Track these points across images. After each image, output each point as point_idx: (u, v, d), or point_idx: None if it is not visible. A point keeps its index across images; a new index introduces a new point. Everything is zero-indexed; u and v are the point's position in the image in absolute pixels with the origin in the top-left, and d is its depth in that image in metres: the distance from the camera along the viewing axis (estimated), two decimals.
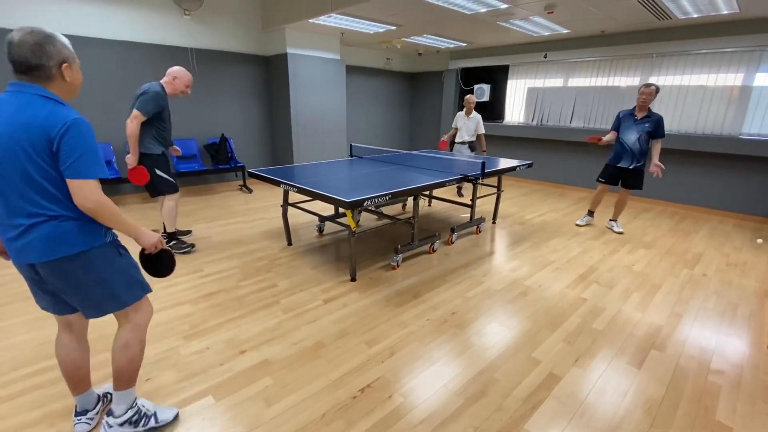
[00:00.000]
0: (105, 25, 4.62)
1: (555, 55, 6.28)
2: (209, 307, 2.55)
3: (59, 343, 1.53)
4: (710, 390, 1.89)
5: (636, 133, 4.01)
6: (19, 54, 1.22)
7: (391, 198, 2.80)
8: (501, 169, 4.09)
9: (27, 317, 2.37)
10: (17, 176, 1.22)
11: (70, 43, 1.34)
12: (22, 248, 1.28)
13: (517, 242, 3.92)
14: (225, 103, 5.89)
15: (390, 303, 2.65)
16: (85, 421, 1.57)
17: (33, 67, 1.24)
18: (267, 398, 1.77)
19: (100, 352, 2.02)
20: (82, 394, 1.58)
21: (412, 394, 1.82)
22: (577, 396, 1.82)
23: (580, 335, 2.32)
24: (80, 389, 1.57)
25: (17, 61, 1.23)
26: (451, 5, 4.26)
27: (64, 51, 1.29)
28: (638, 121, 4.00)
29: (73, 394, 1.58)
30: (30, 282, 1.40)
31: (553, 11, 4.38)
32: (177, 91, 3.22)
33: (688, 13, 4.37)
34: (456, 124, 5.50)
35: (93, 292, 1.38)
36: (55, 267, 1.30)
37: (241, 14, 5.74)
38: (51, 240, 1.27)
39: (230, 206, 5.02)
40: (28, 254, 1.28)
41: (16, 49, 1.22)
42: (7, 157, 1.21)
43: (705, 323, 2.49)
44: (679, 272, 3.27)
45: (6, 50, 1.23)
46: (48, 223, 1.27)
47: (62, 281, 1.34)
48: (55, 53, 1.27)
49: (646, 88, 3.84)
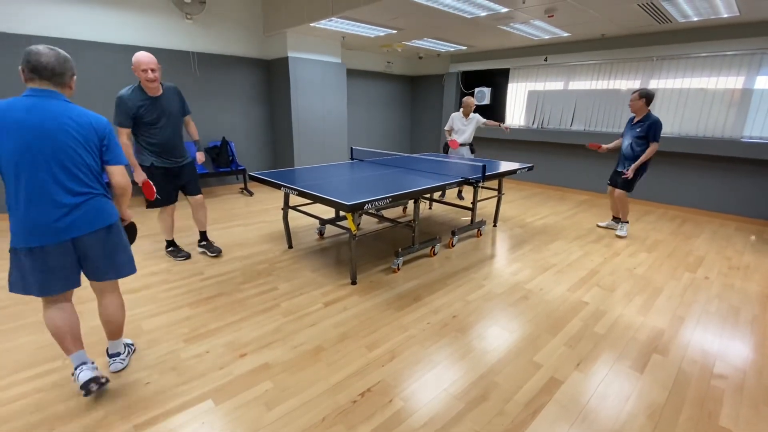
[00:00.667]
0: (107, 28, 4.65)
1: (555, 59, 6.29)
2: (209, 310, 2.54)
3: (60, 314, 1.72)
4: (713, 395, 1.88)
5: (629, 138, 4.09)
6: (48, 63, 1.55)
7: (391, 201, 2.80)
8: (502, 172, 4.09)
9: (28, 320, 2.37)
10: (69, 163, 1.57)
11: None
12: (71, 223, 1.59)
13: (518, 245, 3.91)
14: (226, 107, 5.91)
15: (390, 306, 2.64)
16: (87, 368, 1.73)
17: (57, 74, 1.58)
18: (267, 402, 1.76)
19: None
20: (80, 350, 1.76)
21: (412, 398, 1.81)
22: (578, 400, 1.81)
23: (581, 339, 2.31)
24: (78, 347, 1.76)
25: (47, 68, 1.55)
26: (452, 9, 4.27)
27: (74, 67, 1.68)
28: (633, 126, 4.07)
29: (71, 352, 1.74)
30: (48, 268, 1.60)
31: (553, 15, 4.39)
32: (144, 82, 2.67)
33: (689, 17, 4.38)
34: (452, 125, 5.43)
35: (121, 255, 1.79)
36: (101, 234, 1.68)
37: (243, 18, 5.77)
38: (100, 211, 1.67)
39: (231, 209, 5.02)
40: (80, 226, 1.61)
41: (45, 59, 1.55)
42: (60, 149, 1.55)
43: (707, 327, 2.48)
44: (680, 276, 3.25)
45: (30, 59, 1.55)
46: (95, 198, 1.66)
47: (102, 247, 1.70)
48: (71, 67, 1.65)
49: (633, 94, 3.98)
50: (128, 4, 4.73)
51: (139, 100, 2.73)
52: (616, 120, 5.87)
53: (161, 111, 2.83)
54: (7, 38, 4.06)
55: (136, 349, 2.12)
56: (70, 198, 1.58)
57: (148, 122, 2.79)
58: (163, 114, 2.85)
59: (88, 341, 2.10)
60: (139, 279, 2.96)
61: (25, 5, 4.12)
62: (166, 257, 3.36)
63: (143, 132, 2.83)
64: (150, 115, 2.78)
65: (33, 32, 4.20)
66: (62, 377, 1.89)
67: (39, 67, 1.53)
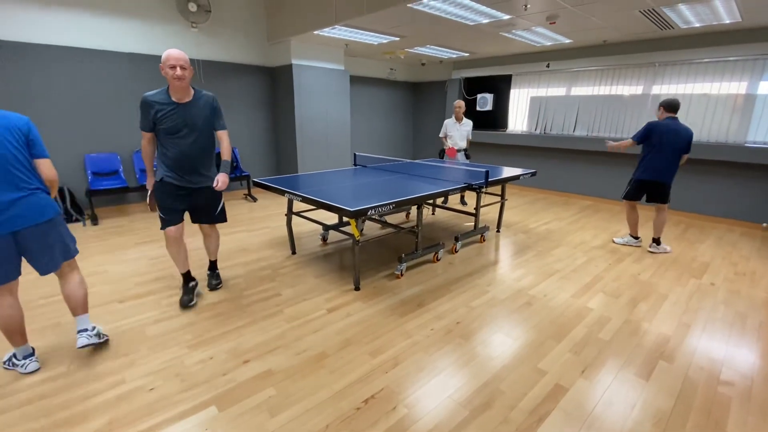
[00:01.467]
0: (113, 37, 4.72)
1: (557, 65, 6.31)
2: (213, 316, 2.55)
3: (3, 306, 1.88)
4: (720, 402, 1.85)
5: None
6: None
7: (394, 207, 2.80)
8: (505, 177, 4.09)
9: (32, 327, 2.38)
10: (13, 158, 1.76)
11: None
12: (12, 218, 1.75)
13: (522, 251, 3.90)
14: (231, 114, 5.96)
15: (394, 312, 2.64)
16: (20, 363, 1.95)
17: None
18: (270, 409, 1.75)
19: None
20: (23, 345, 1.97)
21: (416, 405, 1.80)
22: (584, 408, 1.80)
23: (586, 346, 2.30)
24: (21, 341, 1.97)
25: None
26: (454, 17, 4.31)
27: None
28: None
29: (16, 345, 1.96)
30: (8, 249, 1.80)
31: (555, 22, 4.42)
32: (170, 81, 2.31)
33: (691, 23, 4.39)
34: (446, 131, 5.44)
35: (60, 246, 1.95)
36: (42, 228, 1.85)
37: (248, 27, 5.84)
38: (41, 206, 1.84)
39: (235, 215, 5.05)
40: (21, 220, 1.78)
41: None
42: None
43: (714, 334, 2.46)
44: (686, 282, 3.23)
45: None
46: (34, 194, 1.82)
47: (43, 240, 1.87)
48: None
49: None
50: (134, 13, 4.80)
51: (161, 103, 2.34)
52: (619, 125, 5.87)
53: (183, 120, 2.38)
54: (11, 46, 4.13)
55: (108, 339, 2.25)
56: (11, 193, 1.76)
57: (167, 130, 2.37)
58: (185, 124, 2.39)
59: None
60: (142, 285, 2.97)
61: (30, 13, 4.18)
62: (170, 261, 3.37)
63: (162, 140, 2.42)
64: (169, 122, 2.35)
65: (38, 41, 4.26)
66: (66, 383, 1.89)
67: None
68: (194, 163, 2.50)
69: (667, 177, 3.84)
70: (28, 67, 4.23)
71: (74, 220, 4.54)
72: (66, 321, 2.44)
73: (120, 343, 2.23)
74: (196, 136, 2.46)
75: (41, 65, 4.30)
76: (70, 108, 4.55)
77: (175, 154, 2.42)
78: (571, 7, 3.89)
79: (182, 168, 2.47)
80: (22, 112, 2.11)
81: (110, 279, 3.07)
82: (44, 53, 4.30)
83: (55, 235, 1.92)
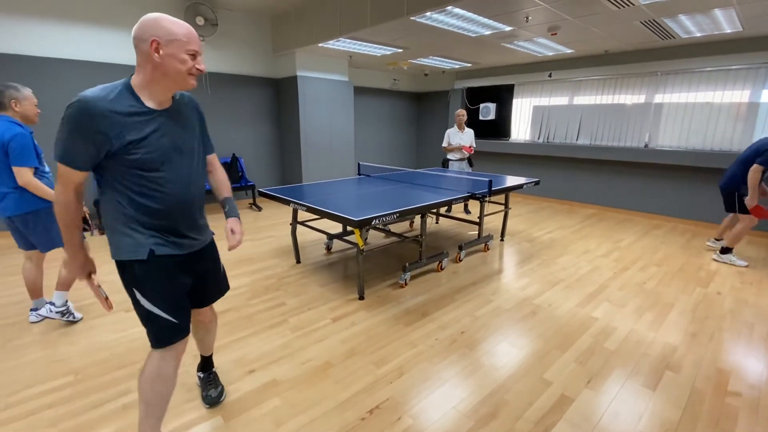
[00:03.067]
0: (121, 51, 4.82)
1: (560, 74, 6.36)
2: (219, 325, 2.55)
3: (24, 268, 2.55)
4: (728, 413, 1.83)
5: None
6: None
7: (398, 216, 2.82)
8: (508, 186, 4.11)
9: (40, 336, 2.41)
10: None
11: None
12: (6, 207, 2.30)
13: (526, 260, 3.89)
14: (236, 124, 6.04)
15: (398, 322, 2.64)
16: (35, 314, 2.57)
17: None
18: (275, 419, 1.76)
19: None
20: (37, 299, 2.59)
21: (421, 415, 1.79)
22: (590, 419, 1.78)
23: (592, 355, 2.28)
24: (36, 296, 2.59)
25: None
26: (457, 29, 4.37)
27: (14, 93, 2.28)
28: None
29: (31, 299, 2.58)
30: (11, 230, 2.42)
31: (556, 33, 4.47)
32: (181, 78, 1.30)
33: (691, 33, 4.42)
34: (450, 141, 5.48)
35: (47, 233, 2.37)
36: (25, 218, 2.33)
37: (253, 39, 5.95)
38: (18, 202, 2.29)
39: None
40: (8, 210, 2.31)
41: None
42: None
43: (721, 343, 2.43)
44: (692, 290, 3.21)
45: None
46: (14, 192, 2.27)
47: (26, 228, 2.36)
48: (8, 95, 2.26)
49: None
50: None
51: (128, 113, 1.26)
52: (622, 134, 5.89)
53: (171, 139, 1.35)
54: (16, 60, 4.23)
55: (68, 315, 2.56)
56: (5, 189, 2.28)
57: (144, 163, 1.28)
58: (173, 146, 1.36)
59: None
60: None
61: (36, 27, 4.29)
62: None
63: (129, 183, 1.30)
64: (150, 147, 1.29)
65: (42, 54, 4.34)
66: (74, 392, 1.91)
67: None
68: (193, 210, 1.47)
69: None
70: (40, 80, 4.33)
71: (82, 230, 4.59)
72: (74, 330, 2.47)
73: (126, 353, 2.25)
74: (191, 163, 1.43)
75: (52, 79, 4.40)
76: None
77: (163, 203, 1.34)
78: (572, 18, 3.94)
79: (179, 221, 1.42)
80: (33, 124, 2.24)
81: (117, 288, 3.08)
82: (55, 67, 4.40)
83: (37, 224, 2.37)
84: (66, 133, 1.25)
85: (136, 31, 1.26)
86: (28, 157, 2.21)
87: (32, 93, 2.37)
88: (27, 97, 2.32)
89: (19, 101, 2.28)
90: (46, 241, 2.40)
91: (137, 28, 1.26)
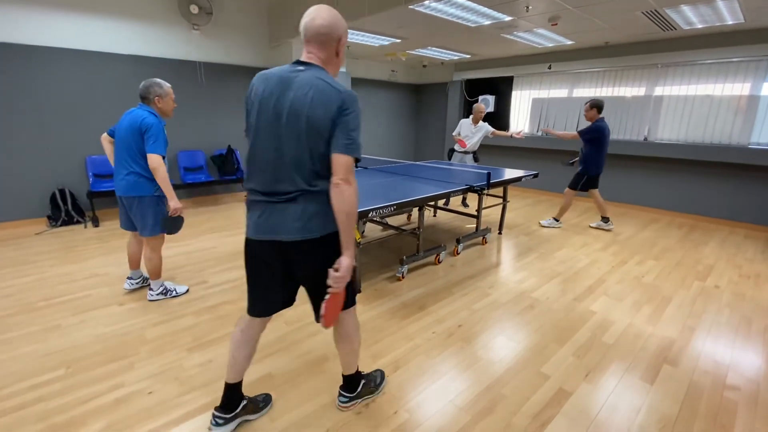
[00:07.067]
0: (115, 39, 4.72)
1: (559, 66, 6.30)
2: (213, 318, 2.53)
3: (129, 242, 2.83)
4: (726, 407, 1.83)
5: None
6: (141, 90, 2.49)
7: (396, 209, 2.79)
8: (506, 179, 4.07)
9: (32, 329, 2.37)
10: (129, 146, 2.45)
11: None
12: (120, 186, 2.52)
13: (524, 253, 3.87)
14: (232, 115, 5.96)
15: (395, 315, 2.61)
16: (129, 282, 2.88)
17: (143, 97, 2.50)
18: (270, 413, 1.73)
19: None
20: (134, 269, 2.89)
21: (417, 410, 1.77)
22: (588, 413, 1.77)
23: (589, 349, 2.27)
24: (134, 266, 2.88)
25: (140, 95, 2.50)
26: (456, 18, 4.30)
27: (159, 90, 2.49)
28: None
29: (130, 268, 2.89)
30: (120, 208, 2.65)
31: (556, 23, 4.40)
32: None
33: (693, 24, 4.37)
34: (460, 131, 5.40)
35: (144, 220, 2.55)
36: (131, 200, 2.52)
37: (249, 29, 5.84)
38: (131, 185, 2.49)
39: (236, 217, 5.04)
40: (120, 190, 2.52)
41: (141, 88, 2.49)
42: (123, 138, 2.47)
43: (719, 337, 2.43)
44: (690, 284, 3.20)
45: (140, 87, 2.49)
46: (131, 175, 2.48)
47: (130, 210, 2.57)
48: (152, 91, 2.49)
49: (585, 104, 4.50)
50: (136, 15, 4.81)
51: None
52: (621, 126, 5.85)
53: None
54: (15, 49, 4.14)
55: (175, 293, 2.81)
56: (124, 170, 2.49)
57: None
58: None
59: None
60: (143, 287, 2.95)
61: (34, 16, 4.20)
62: (170, 263, 3.36)
63: None
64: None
65: (42, 43, 4.27)
66: (64, 386, 1.88)
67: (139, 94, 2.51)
68: None
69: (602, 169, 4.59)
70: (32, 69, 4.24)
71: (75, 222, 4.54)
72: (66, 324, 2.43)
73: (119, 346, 2.21)
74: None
75: (44, 67, 4.31)
76: (72, 110, 4.56)
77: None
78: (573, 8, 3.87)
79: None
80: (25, 114, 2.18)
81: (110, 281, 3.06)
82: (47, 55, 4.31)
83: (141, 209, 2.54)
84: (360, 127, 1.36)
85: (332, 25, 1.37)
86: (160, 146, 2.42)
87: (171, 88, 2.57)
88: (168, 94, 2.53)
89: (161, 98, 2.49)
90: (143, 226, 2.56)
91: (333, 21, 1.37)
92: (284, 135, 1.33)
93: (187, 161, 5.52)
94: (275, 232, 1.40)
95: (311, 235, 1.39)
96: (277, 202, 1.38)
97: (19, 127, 4.25)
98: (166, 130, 2.55)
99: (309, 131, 1.30)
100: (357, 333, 1.69)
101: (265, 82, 1.37)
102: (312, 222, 1.38)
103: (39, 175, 4.46)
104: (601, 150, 4.48)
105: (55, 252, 3.68)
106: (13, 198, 4.35)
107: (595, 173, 4.57)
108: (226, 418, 1.59)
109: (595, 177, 4.60)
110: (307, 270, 1.49)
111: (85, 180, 4.76)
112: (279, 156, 1.34)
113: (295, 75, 1.33)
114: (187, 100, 5.38)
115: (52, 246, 3.84)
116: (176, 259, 3.52)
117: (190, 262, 3.45)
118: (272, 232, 1.40)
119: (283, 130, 1.33)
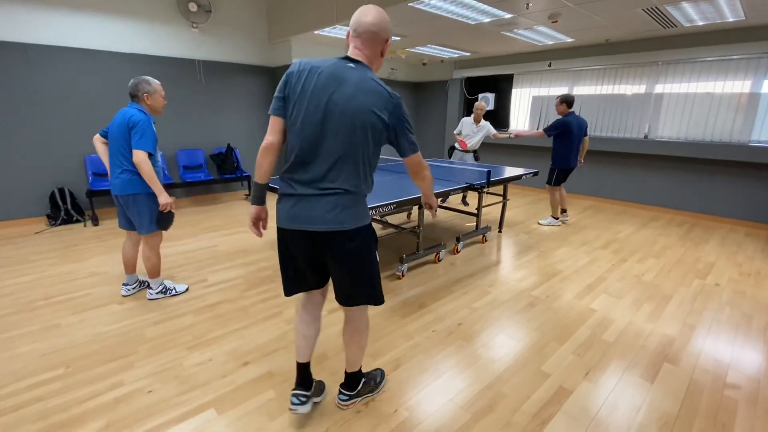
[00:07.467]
0: (113, 38, 4.71)
1: (559, 64, 6.28)
2: (212, 317, 2.53)
3: (124, 245, 2.77)
4: (727, 405, 1.82)
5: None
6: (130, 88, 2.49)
7: (395, 207, 2.78)
8: (506, 177, 4.07)
9: (31, 328, 2.37)
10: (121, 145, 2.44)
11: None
12: (114, 185, 2.51)
13: (524, 251, 3.87)
14: (231, 114, 5.95)
15: (395, 314, 2.61)
16: (126, 289, 2.81)
17: (132, 95, 2.50)
18: (269, 412, 1.73)
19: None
20: (130, 274, 2.82)
21: (417, 408, 1.77)
22: (588, 411, 1.77)
23: (590, 348, 2.27)
24: (129, 271, 2.81)
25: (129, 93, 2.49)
26: (456, 16, 4.28)
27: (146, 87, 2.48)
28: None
29: (126, 273, 2.81)
30: (117, 207, 2.64)
31: (557, 20, 4.38)
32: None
33: (694, 21, 4.35)
34: (461, 129, 5.37)
35: (140, 218, 2.54)
36: (126, 198, 2.51)
37: (248, 27, 5.83)
38: (125, 183, 2.47)
39: (235, 215, 5.03)
40: (115, 189, 2.51)
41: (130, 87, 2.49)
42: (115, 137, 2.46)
43: (719, 335, 2.42)
44: (690, 282, 3.20)
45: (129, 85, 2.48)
46: (124, 173, 2.47)
47: (127, 208, 2.55)
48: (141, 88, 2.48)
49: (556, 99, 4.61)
50: (134, 13, 4.79)
51: None
52: (621, 124, 5.84)
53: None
54: (14, 47, 4.12)
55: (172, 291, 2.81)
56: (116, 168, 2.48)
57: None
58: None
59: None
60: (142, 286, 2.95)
61: (34, 15, 4.18)
62: (169, 262, 3.36)
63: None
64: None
65: (41, 41, 4.25)
66: (64, 386, 1.87)
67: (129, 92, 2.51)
68: None
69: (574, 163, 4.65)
70: (30, 67, 4.23)
71: (74, 221, 4.53)
72: (66, 323, 2.43)
73: (118, 345, 2.21)
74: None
75: (43, 66, 4.30)
76: (71, 108, 4.55)
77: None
78: (573, 5, 3.86)
79: None
80: (23, 112, 2.15)
81: (110, 280, 3.05)
82: (45, 54, 4.30)
83: (136, 206, 2.53)
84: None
85: (382, 25, 1.41)
86: (146, 143, 2.39)
87: (160, 85, 2.55)
88: (157, 91, 2.52)
89: (150, 95, 2.49)
90: (140, 224, 2.57)
91: (384, 22, 1.42)
92: (333, 132, 1.35)
93: (186, 160, 5.51)
94: (308, 222, 1.42)
95: (343, 227, 1.41)
96: (313, 195, 1.40)
97: (18, 125, 4.24)
98: (158, 127, 2.55)
99: (360, 131, 1.34)
100: (367, 330, 1.72)
101: (315, 74, 1.37)
102: (344, 214, 1.40)
103: (38, 174, 4.45)
104: (570, 144, 4.51)
105: (55, 251, 3.67)
106: (12, 197, 4.34)
107: (564, 166, 4.60)
108: (307, 395, 1.64)
109: (566, 170, 4.65)
110: (336, 260, 1.49)
111: (84, 179, 4.75)
112: (324, 152, 1.37)
113: (347, 72, 1.36)
114: (186, 99, 5.37)
115: (52, 245, 3.84)
116: (176, 257, 3.51)
117: (189, 261, 3.45)
118: (305, 222, 1.42)
119: (332, 128, 1.35)
